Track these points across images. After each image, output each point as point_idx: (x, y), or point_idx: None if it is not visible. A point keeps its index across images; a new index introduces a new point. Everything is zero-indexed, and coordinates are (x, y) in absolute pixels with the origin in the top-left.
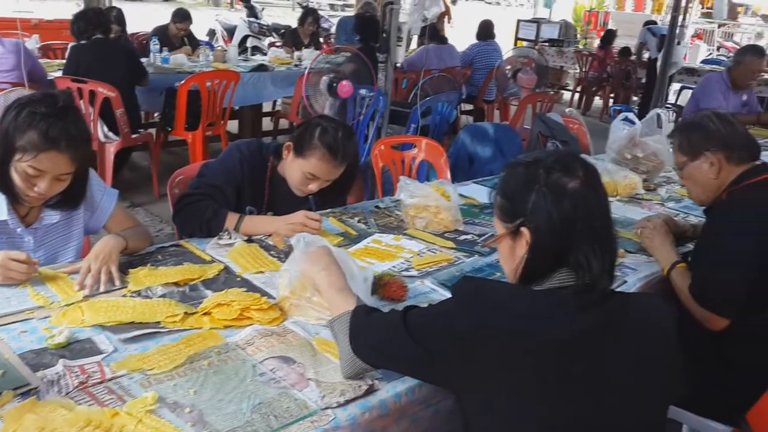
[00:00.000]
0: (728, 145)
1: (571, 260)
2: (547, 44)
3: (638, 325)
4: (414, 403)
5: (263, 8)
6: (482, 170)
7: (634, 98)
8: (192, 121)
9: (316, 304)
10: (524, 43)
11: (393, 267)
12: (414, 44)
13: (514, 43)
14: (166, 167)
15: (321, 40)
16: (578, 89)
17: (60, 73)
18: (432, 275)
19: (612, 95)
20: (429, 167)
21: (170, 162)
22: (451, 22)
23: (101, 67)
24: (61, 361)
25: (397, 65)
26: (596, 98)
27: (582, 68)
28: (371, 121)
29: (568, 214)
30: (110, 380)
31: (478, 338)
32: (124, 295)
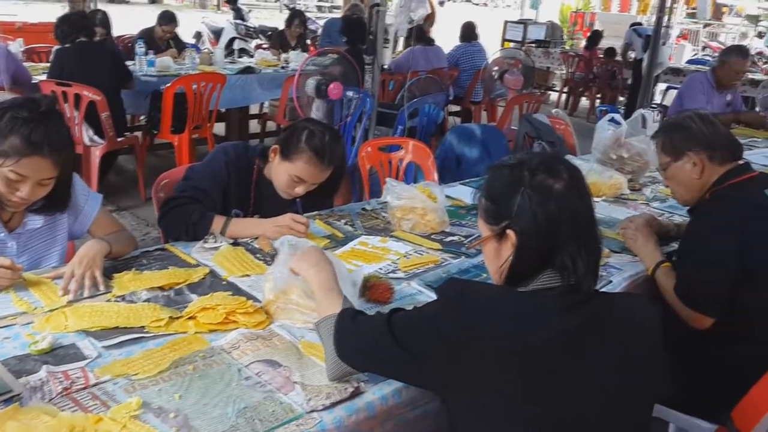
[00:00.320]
0: (710, 145)
1: (557, 261)
2: (533, 45)
3: (623, 325)
4: (400, 405)
5: (250, 10)
6: (470, 171)
7: (621, 98)
8: (178, 124)
9: (303, 307)
10: (511, 44)
11: (380, 269)
12: (400, 46)
13: (501, 44)
14: (153, 170)
15: (308, 42)
16: (565, 90)
17: (44, 77)
18: (418, 277)
19: (598, 96)
20: (416, 169)
21: (157, 165)
22: (431, 27)
23: (86, 71)
24: (45, 367)
25: (384, 67)
26: (583, 99)
27: (568, 69)
28: (358, 122)
29: (554, 215)
30: (94, 386)
31: (463, 340)
32: (108, 300)
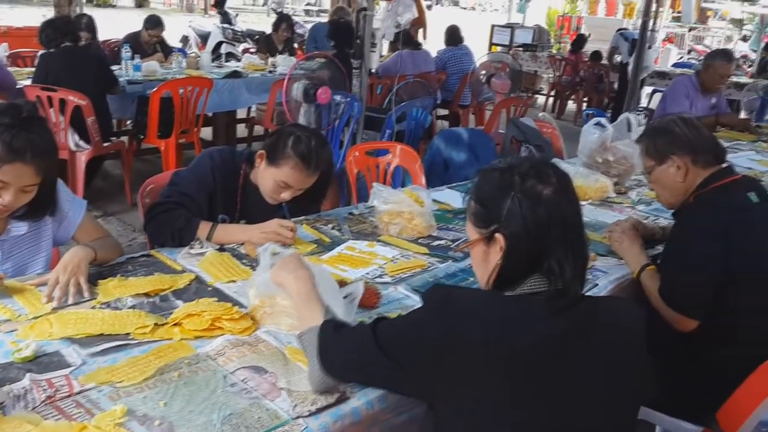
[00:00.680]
0: (694, 148)
1: (544, 266)
2: (521, 49)
3: (609, 329)
4: (386, 411)
5: (237, 14)
6: (457, 175)
7: (607, 101)
8: (165, 128)
9: (289, 308)
10: (498, 47)
11: (366, 274)
12: (385, 50)
13: (488, 48)
14: (140, 175)
15: (295, 46)
16: (552, 93)
17: (29, 82)
18: (405, 281)
19: (585, 99)
20: (405, 173)
21: (143, 170)
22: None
23: (71, 75)
24: (28, 375)
25: (372, 71)
26: (570, 102)
27: (555, 73)
28: (346, 126)
29: (543, 220)
30: (78, 393)
31: (448, 345)
32: (93, 307)
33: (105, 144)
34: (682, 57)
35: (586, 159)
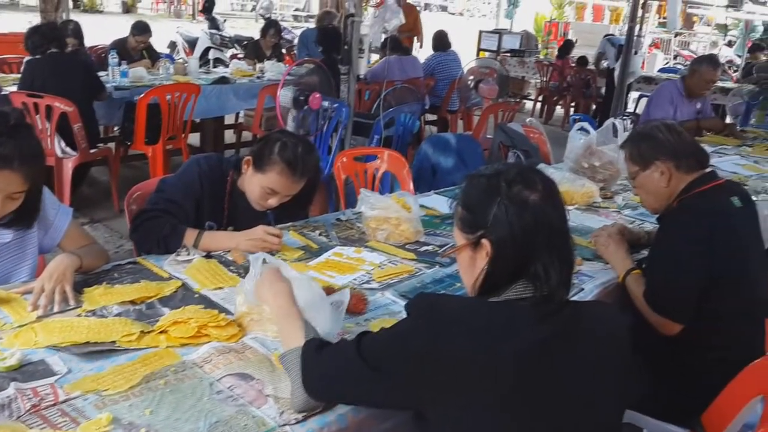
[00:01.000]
0: (677, 154)
1: (530, 272)
2: (508, 54)
3: (594, 334)
4: (372, 417)
5: (225, 20)
6: (445, 180)
7: (594, 107)
8: (152, 134)
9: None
10: (486, 53)
11: (354, 280)
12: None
13: (476, 54)
14: (127, 182)
15: (283, 51)
16: (540, 99)
17: (15, 88)
18: (393, 287)
19: (573, 104)
20: (393, 178)
21: (131, 176)
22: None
23: (57, 82)
24: (13, 384)
25: (360, 77)
26: (558, 107)
27: (543, 78)
28: (334, 132)
29: (529, 226)
30: (64, 402)
31: (435, 352)
32: (78, 315)
33: (92, 150)
34: (668, 62)
35: (573, 164)
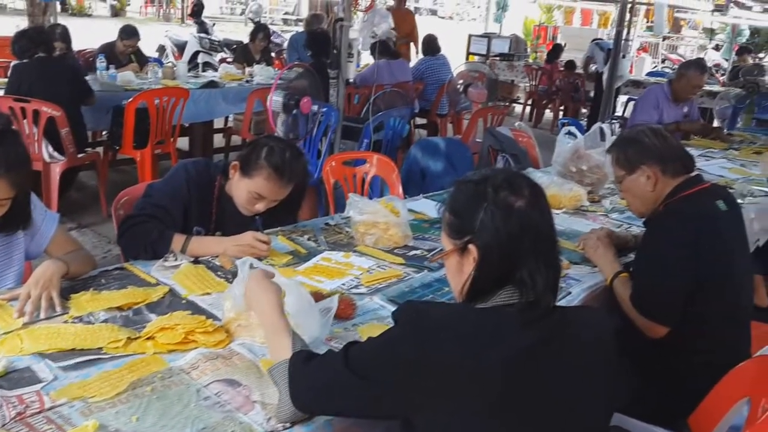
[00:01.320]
0: (663, 158)
1: (517, 277)
2: (498, 58)
3: (581, 339)
4: (359, 424)
5: (214, 24)
6: (434, 184)
7: (583, 110)
8: (141, 139)
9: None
10: (476, 57)
11: (342, 284)
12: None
13: (466, 57)
14: (116, 186)
15: (273, 55)
16: (529, 102)
17: (1, 92)
18: (381, 292)
19: (562, 108)
20: (382, 182)
21: (119, 181)
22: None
23: (44, 86)
24: None
25: (350, 81)
26: (547, 111)
27: (532, 82)
28: (324, 136)
29: (515, 231)
30: (49, 409)
31: (423, 358)
32: (65, 321)
33: (80, 155)
34: (656, 66)
35: (561, 168)
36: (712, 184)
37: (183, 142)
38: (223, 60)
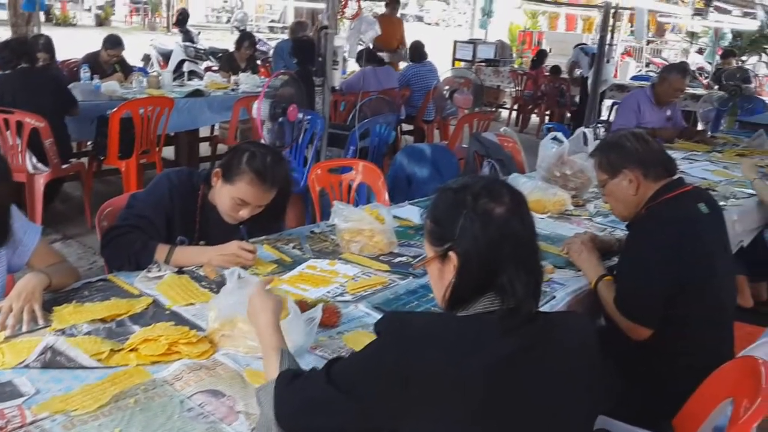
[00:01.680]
0: (644, 162)
1: (497, 284)
2: (483, 64)
3: (563, 345)
4: None
5: (200, 32)
6: (420, 190)
7: (569, 115)
8: (126, 149)
9: (249, 332)
10: (462, 63)
11: (327, 292)
12: (350, 67)
13: (452, 63)
14: (100, 197)
15: (258, 63)
16: (515, 108)
17: None
18: (366, 299)
19: (547, 113)
20: (369, 190)
21: (105, 191)
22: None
23: (28, 97)
24: None
25: (335, 88)
26: (533, 116)
27: (517, 87)
28: (310, 144)
29: (495, 238)
30: (31, 424)
31: (405, 368)
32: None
33: (64, 166)
34: (640, 70)
35: (545, 173)
36: (694, 186)
37: (168, 152)
38: (208, 68)
